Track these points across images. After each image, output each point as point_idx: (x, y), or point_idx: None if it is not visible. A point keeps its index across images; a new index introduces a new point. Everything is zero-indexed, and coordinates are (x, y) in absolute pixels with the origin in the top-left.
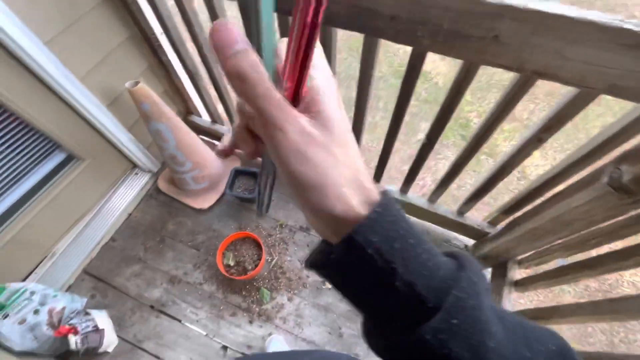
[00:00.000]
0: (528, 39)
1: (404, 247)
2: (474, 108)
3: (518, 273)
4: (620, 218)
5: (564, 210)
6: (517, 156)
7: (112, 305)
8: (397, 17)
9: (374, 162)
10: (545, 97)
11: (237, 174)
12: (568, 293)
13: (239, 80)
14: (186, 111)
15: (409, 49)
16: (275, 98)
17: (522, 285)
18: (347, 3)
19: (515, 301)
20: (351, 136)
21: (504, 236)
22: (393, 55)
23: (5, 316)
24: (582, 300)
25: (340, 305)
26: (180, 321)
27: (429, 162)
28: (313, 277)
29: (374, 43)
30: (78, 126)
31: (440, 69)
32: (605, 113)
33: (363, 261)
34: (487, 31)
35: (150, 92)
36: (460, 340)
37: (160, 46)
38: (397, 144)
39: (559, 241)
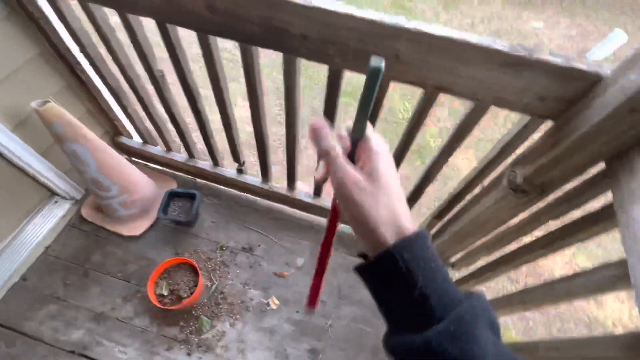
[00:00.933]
0: (425, 58)
1: (426, 268)
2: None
3: (452, 275)
4: (523, 215)
5: (478, 212)
6: (436, 165)
7: (20, 355)
8: (308, 36)
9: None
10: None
11: (172, 196)
12: (510, 290)
13: (323, 158)
14: (115, 132)
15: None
16: (342, 164)
17: (457, 285)
18: (262, 24)
19: None
20: (396, 187)
21: (435, 240)
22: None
23: None
24: (499, 296)
25: (285, 326)
26: None
27: None
28: (256, 299)
29: (292, 61)
30: None
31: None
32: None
33: (394, 270)
34: (389, 50)
35: (63, 112)
36: (454, 344)
37: (77, 63)
38: None
39: (480, 242)
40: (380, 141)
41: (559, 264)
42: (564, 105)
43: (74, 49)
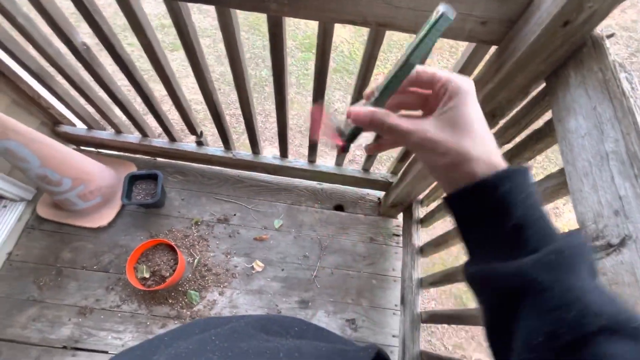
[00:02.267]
0: None
1: (527, 201)
2: (380, 70)
3: (421, 212)
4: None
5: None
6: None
7: None
8: None
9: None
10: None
11: (133, 179)
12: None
13: (386, 131)
14: (53, 121)
15: (310, 22)
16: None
17: (425, 221)
18: None
19: (423, 236)
20: (483, 125)
21: (403, 181)
22: (295, 29)
23: None
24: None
25: (273, 284)
26: (104, 352)
27: None
28: (241, 265)
29: (226, 14)
30: None
31: (343, 36)
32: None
33: (492, 199)
34: None
35: None
36: (550, 273)
37: None
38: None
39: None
40: (462, 79)
41: None
42: (505, 27)
43: None
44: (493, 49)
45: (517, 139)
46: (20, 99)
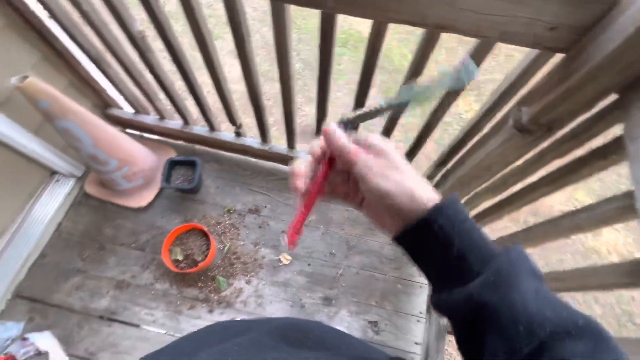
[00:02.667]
0: None
1: (462, 228)
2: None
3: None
4: (528, 156)
5: (483, 156)
6: (438, 111)
7: (55, 324)
8: None
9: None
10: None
11: (173, 164)
12: (509, 229)
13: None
14: (103, 104)
15: (348, 17)
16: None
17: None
18: None
19: None
20: (412, 171)
21: (439, 188)
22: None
23: None
24: (503, 235)
25: (298, 278)
26: (136, 325)
27: (371, 127)
28: (269, 257)
29: (281, 9)
30: None
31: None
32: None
33: (430, 235)
34: None
35: (46, 87)
36: (495, 293)
37: (49, 31)
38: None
39: (484, 185)
40: (382, 141)
41: (558, 200)
42: (576, 34)
43: (42, 14)
44: (557, 56)
45: (573, 154)
46: (77, 81)
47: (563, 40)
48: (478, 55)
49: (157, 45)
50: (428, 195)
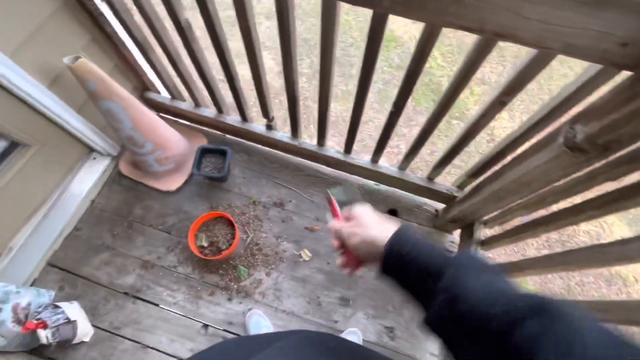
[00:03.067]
0: None
1: (413, 249)
2: (445, 72)
3: (484, 233)
4: (574, 176)
5: (524, 172)
6: (483, 119)
7: (83, 295)
8: None
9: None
10: (513, 59)
11: (203, 152)
12: (531, 245)
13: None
14: (143, 88)
15: None
16: (342, 226)
17: (487, 244)
18: None
19: None
20: (372, 217)
21: (470, 199)
22: (364, 20)
23: None
24: (540, 254)
25: (317, 276)
26: (157, 305)
27: (403, 129)
28: (289, 251)
29: (332, 6)
30: (16, 109)
31: (412, 32)
32: (568, 74)
33: (398, 259)
34: None
35: (95, 68)
36: (450, 308)
37: (101, 14)
38: (371, 113)
39: (520, 201)
40: (362, 208)
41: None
42: None
43: None
44: (622, 74)
45: (628, 179)
46: (121, 64)
47: (634, 57)
48: (535, 67)
49: (200, 34)
50: (386, 235)
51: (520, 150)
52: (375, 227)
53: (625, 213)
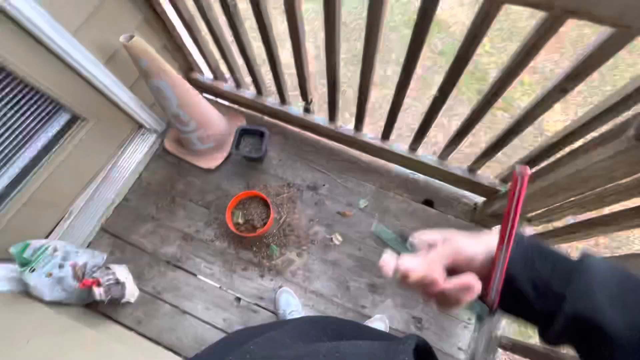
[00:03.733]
0: None
1: (525, 269)
2: (493, 60)
3: (527, 230)
4: None
5: (582, 166)
6: (537, 109)
7: (130, 260)
8: None
9: (384, 119)
10: (573, 45)
11: (242, 133)
12: (576, 249)
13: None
14: (187, 68)
15: None
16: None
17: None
18: None
19: None
20: (466, 238)
21: None
22: (407, 2)
23: (32, 270)
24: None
25: (347, 260)
26: (195, 275)
27: (442, 120)
28: (321, 234)
29: None
30: (78, 85)
31: (458, 17)
32: (637, 63)
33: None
34: None
35: (148, 47)
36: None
37: None
38: (408, 101)
39: (573, 198)
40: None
41: None
42: None
43: None
44: None
45: None
46: (169, 44)
47: None
48: (609, 49)
49: (246, 16)
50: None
51: (578, 143)
52: (480, 242)
53: None
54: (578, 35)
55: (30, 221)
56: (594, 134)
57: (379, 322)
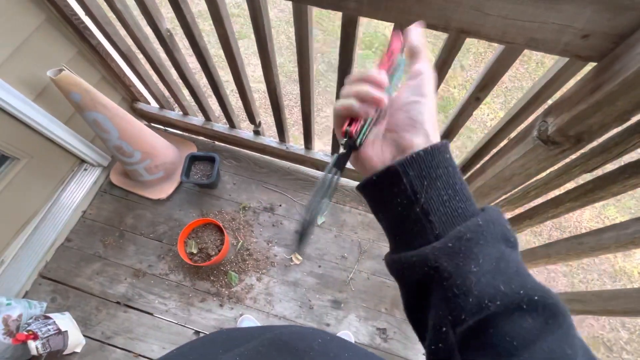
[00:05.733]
0: None
1: (431, 186)
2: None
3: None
4: (553, 169)
5: (503, 166)
6: (461, 116)
7: (75, 306)
8: None
9: (328, 137)
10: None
11: (192, 159)
12: (533, 244)
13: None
14: (132, 98)
15: (373, 20)
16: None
17: None
18: None
19: None
20: (434, 100)
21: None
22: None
23: None
24: (522, 249)
25: (308, 279)
26: (150, 313)
27: None
28: (280, 255)
29: (303, 10)
30: (3, 123)
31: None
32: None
33: (396, 186)
34: None
35: (78, 80)
36: (451, 260)
37: (86, 28)
38: None
39: (503, 197)
40: (428, 66)
41: (586, 217)
42: (611, 43)
43: (80, 11)
44: (589, 65)
45: (603, 169)
46: (108, 76)
47: (596, 48)
48: (504, 61)
49: (183, 44)
50: (417, 141)
51: (502, 144)
52: (434, 118)
53: (627, 208)
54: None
55: None
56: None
57: None
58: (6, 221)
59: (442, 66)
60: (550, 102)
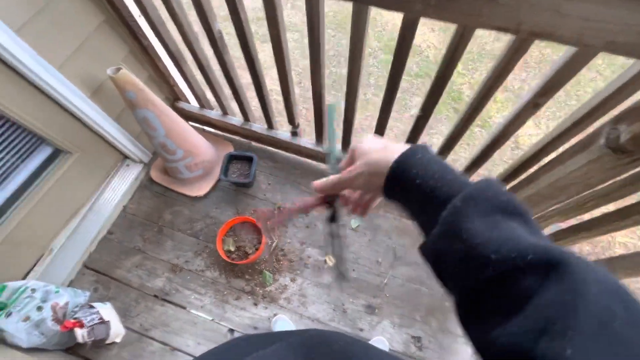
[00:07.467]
0: None
1: (426, 171)
2: (466, 80)
3: None
4: (617, 179)
5: (560, 175)
6: (513, 124)
7: (115, 297)
8: None
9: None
10: (537, 64)
11: (231, 159)
12: None
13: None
14: (174, 97)
15: (397, 22)
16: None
17: None
18: None
19: None
20: (374, 143)
21: None
22: (382, 30)
23: (9, 314)
24: None
25: (342, 282)
26: (185, 308)
27: (423, 138)
28: (314, 257)
29: (363, 11)
30: (62, 119)
31: (430, 41)
32: (596, 78)
33: (403, 183)
34: None
35: (134, 79)
36: (445, 243)
37: (139, 29)
38: (390, 122)
39: (555, 206)
40: (367, 142)
41: (622, 231)
42: None
43: (135, 12)
44: None
45: None
46: (155, 75)
47: None
48: (573, 65)
49: (231, 44)
50: (391, 157)
51: (555, 153)
52: (379, 151)
53: None
54: (542, 55)
55: (8, 261)
56: (566, 145)
57: (379, 345)
58: (57, 211)
59: (501, 72)
60: (618, 108)
